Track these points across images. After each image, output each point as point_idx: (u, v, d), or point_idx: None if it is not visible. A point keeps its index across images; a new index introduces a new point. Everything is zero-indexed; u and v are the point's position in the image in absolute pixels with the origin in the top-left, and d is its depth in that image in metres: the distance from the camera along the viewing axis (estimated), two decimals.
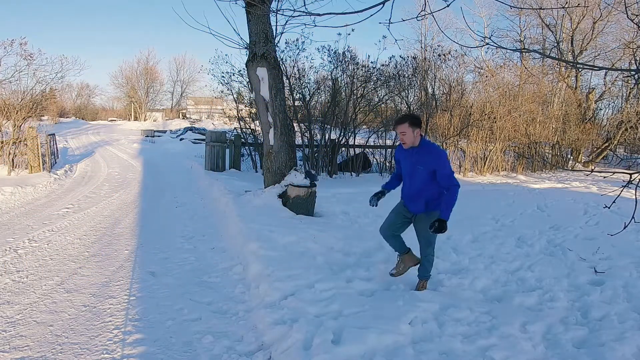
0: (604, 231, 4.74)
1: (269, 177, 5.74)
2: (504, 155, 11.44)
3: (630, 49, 12.15)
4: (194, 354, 2.37)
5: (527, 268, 3.73)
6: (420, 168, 3.03)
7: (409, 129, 2.98)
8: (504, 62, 16.40)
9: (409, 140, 3.01)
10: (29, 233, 4.59)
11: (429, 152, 3.01)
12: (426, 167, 2.99)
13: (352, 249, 3.93)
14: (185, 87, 52.55)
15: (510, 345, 2.38)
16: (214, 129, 12.89)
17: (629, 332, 2.56)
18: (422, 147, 3.05)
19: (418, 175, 3.05)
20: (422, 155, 3.02)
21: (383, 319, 2.55)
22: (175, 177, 9.51)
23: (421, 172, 3.03)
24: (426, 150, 3.02)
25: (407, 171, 3.13)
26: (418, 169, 3.04)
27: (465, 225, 5.02)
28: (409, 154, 3.09)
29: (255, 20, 5.49)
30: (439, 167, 2.96)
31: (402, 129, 3.01)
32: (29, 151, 8.89)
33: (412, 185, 3.11)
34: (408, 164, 3.11)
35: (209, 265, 3.80)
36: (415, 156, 3.05)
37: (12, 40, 9.79)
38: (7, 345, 2.38)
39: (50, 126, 20.32)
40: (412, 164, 3.07)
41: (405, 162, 3.14)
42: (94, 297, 3.05)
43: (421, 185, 3.06)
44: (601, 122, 15.65)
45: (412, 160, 3.07)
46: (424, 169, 3.01)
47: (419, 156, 3.03)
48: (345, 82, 9.85)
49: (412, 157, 3.07)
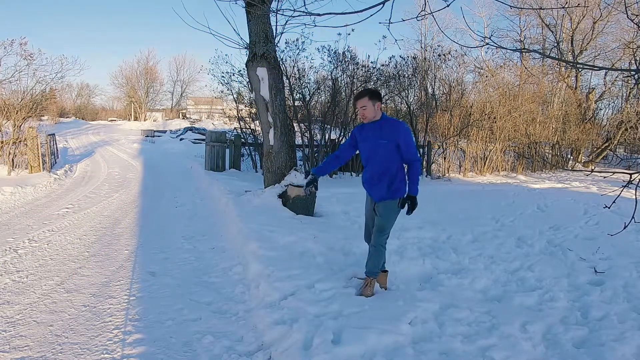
0: (604, 231, 4.74)
1: (269, 177, 5.74)
2: (504, 155, 11.45)
3: (630, 49, 12.15)
4: (194, 354, 2.37)
5: (527, 268, 3.73)
6: (383, 142, 2.90)
7: (369, 102, 2.90)
8: (504, 62, 16.44)
9: (370, 115, 2.92)
10: (29, 233, 4.59)
11: (393, 125, 2.93)
12: (390, 141, 2.88)
13: (352, 249, 3.93)
14: (185, 87, 52.61)
15: (510, 345, 2.38)
16: (214, 129, 12.91)
17: (629, 332, 2.56)
18: (384, 121, 2.96)
19: (382, 151, 2.91)
20: (386, 129, 2.91)
21: (383, 319, 2.55)
22: (175, 177, 9.51)
23: (385, 146, 2.90)
24: (389, 124, 2.93)
25: (369, 149, 2.99)
26: (381, 144, 2.91)
27: (465, 225, 5.02)
28: (371, 130, 2.97)
29: (255, 20, 5.49)
30: (404, 139, 2.87)
31: (362, 103, 2.92)
32: (29, 151, 8.89)
33: (375, 165, 2.96)
34: (370, 143, 2.98)
35: (209, 265, 3.80)
36: (377, 131, 2.93)
37: (12, 40, 9.81)
38: (7, 345, 2.38)
39: (50, 126, 20.34)
40: (374, 139, 2.94)
41: (366, 142, 3.01)
42: (94, 297, 3.05)
43: (385, 162, 2.92)
44: (601, 122, 15.67)
45: (374, 136, 2.94)
46: (388, 143, 2.89)
47: (381, 130, 2.92)
48: (345, 82, 9.85)
49: (375, 132, 2.94)
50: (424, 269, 3.63)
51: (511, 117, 11.35)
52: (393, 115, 11.17)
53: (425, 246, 4.21)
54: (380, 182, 2.95)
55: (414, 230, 4.66)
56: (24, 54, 9.91)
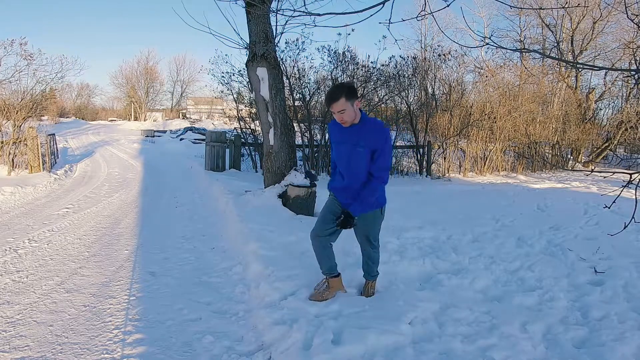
0: (604, 231, 4.74)
1: (269, 177, 5.74)
2: (504, 155, 11.45)
3: (630, 49, 12.14)
4: (194, 354, 2.37)
5: (527, 268, 3.73)
6: (360, 150, 2.48)
7: (347, 103, 2.41)
8: (504, 62, 16.43)
9: (350, 118, 2.46)
10: (29, 233, 4.59)
11: (373, 129, 2.49)
12: (368, 147, 2.47)
13: (352, 249, 3.93)
14: (185, 87, 52.64)
15: (510, 345, 2.38)
16: (214, 129, 12.91)
17: (629, 332, 2.56)
18: (364, 124, 2.51)
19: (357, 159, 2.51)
20: (365, 134, 2.48)
21: (383, 319, 2.55)
22: (175, 177, 9.51)
23: (361, 154, 2.49)
24: (369, 127, 2.50)
25: (344, 155, 2.58)
26: (358, 152, 2.49)
27: (465, 225, 5.02)
28: (348, 133, 2.53)
29: (255, 20, 5.49)
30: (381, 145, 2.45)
31: (338, 106, 2.40)
32: (29, 151, 8.89)
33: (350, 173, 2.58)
34: (346, 147, 2.55)
35: (209, 265, 3.80)
36: (355, 135, 2.49)
37: (12, 40, 9.82)
38: (7, 345, 2.38)
39: (51, 126, 20.34)
40: (351, 145, 2.52)
41: (341, 145, 2.59)
42: (94, 297, 3.05)
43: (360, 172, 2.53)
44: (601, 122, 15.65)
45: (351, 141, 2.51)
46: (365, 150, 2.47)
47: (359, 135, 2.48)
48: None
49: (352, 136, 2.51)
50: (424, 269, 3.63)
51: (511, 117, 11.35)
52: (393, 115, 11.18)
53: (425, 246, 4.21)
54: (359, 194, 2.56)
55: (414, 230, 4.65)
56: (24, 54, 9.93)
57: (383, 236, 4.25)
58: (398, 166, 10.67)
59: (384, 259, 3.73)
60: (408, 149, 10.83)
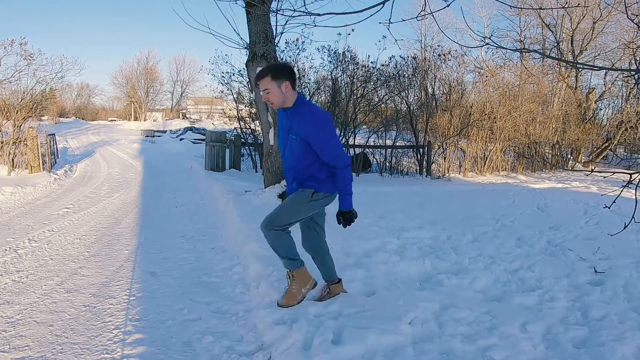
0: (604, 231, 4.74)
1: (269, 177, 5.75)
2: (504, 155, 11.45)
3: (630, 49, 12.15)
4: (194, 354, 2.37)
5: (527, 268, 3.73)
6: (293, 137, 2.31)
7: (272, 83, 2.25)
8: (504, 62, 16.45)
9: (276, 99, 2.28)
10: (29, 233, 4.59)
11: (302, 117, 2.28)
12: (299, 135, 2.28)
13: (352, 249, 3.93)
14: (185, 87, 52.69)
15: (510, 345, 2.38)
16: (214, 129, 12.91)
17: (629, 332, 2.56)
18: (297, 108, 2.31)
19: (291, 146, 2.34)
20: (296, 120, 2.30)
21: (383, 319, 2.55)
22: (175, 177, 9.51)
23: (294, 142, 2.32)
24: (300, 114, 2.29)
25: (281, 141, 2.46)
26: (291, 139, 2.33)
27: (465, 225, 5.02)
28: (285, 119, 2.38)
29: (255, 20, 5.50)
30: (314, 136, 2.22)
31: (264, 84, 2.26)
32: (29, 151, 8.89)
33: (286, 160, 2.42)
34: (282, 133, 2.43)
35: (209, 265, 3.80)
36: (288, 121, 2.34)
37: (12, 40, 9.84)
38: (7, 345, 2.38)
39: (51, 126, 20.34)
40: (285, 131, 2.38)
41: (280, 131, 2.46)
42: (94, 297, 3.05)
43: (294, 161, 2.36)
44: (601, 122, 15.65)
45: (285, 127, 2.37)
46: (297, 139, 2.29)
47: (292, 121, 2.32)
48: (345, 82, 9.86)
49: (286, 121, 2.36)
50: (424, 269, 3.62)
51: (511, 117, 11.34)
52: (393, 115, 11.17)
53: (425, 246, 4.21)
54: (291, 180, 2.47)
55: (414, 230, 4.66)
56: (24, 54, 9.95)
57: (384, 236, 4.29)
58: (398, 166, 10.67)
59: (384, 259, 3.74)
60: (408, 149, 10.83)
